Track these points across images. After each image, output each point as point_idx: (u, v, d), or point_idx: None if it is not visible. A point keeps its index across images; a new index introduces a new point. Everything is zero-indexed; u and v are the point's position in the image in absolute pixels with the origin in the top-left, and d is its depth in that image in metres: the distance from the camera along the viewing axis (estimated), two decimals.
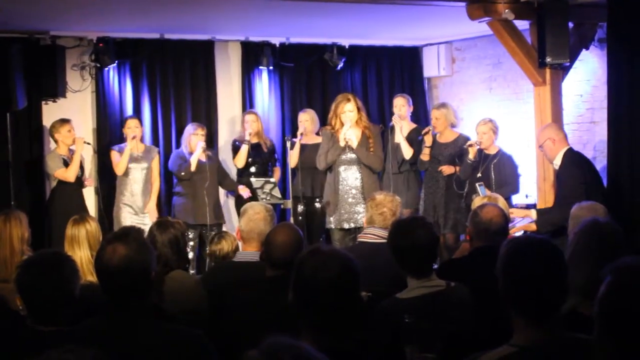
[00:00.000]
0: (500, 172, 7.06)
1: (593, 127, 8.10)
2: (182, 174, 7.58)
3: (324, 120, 7.92)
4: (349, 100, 6.93)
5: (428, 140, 7.59)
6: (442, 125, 7.66)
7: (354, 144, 6.85)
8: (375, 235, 4.44)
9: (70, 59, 7.90)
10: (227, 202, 8.44)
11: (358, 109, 6.94)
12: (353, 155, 6.91)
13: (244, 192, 7.71)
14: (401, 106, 7.93)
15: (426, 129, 7.64)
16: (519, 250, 2.28)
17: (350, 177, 6.93)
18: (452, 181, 7.41)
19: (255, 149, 7.92)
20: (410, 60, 9.64)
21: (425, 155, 7.61)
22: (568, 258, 3.01)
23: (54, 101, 7.73)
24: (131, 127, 7.56)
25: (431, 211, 7.50)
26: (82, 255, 4.34)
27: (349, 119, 6.85)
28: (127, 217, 7.46)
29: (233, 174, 8.24)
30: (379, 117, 8.93)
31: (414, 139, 7.74)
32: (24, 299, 2.98)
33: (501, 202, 4.85)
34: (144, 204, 7.56)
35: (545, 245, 2.29)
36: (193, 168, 7.51)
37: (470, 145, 7.18)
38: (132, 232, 2.68)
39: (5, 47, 7.23)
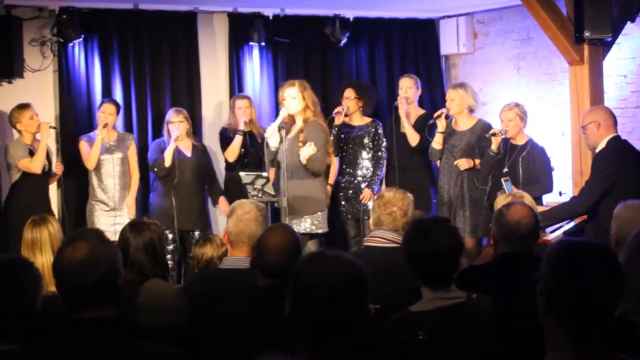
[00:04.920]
0: (529, 167, 6.92)
1: (639, 112, 8.11)
2: (155, 169, 7.56)
3: (325, 106, 7.89)
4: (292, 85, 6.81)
5: (441, 125, 7.47)
6: (457, 107, 7.48)
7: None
8: (383, 238, 4.44)
9: (28, 32, 7.88)
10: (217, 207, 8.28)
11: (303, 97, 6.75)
12: None
13: (224, 207, 7.65)
14: (407, 88, 7.87)
15: (439, 112, 7.47)
16: (576, 252, 2.26)
17: None
18: (471, 176, 7.34)
19: (248, 139, 7.84)
20: (425, 35, 9.63)
21: (437, 144, 7.51)
22: (622, 261, 3.06)
23: (10, 82, 7.73)
24: (105, 113, 7.51)
25: (446, 212, 7.41)
26: (44, 261, 4.34)
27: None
28: (101, 216, 7.46)
29: (221, 168, 8.23)
30: (388, 101, 8.86)
31: (422, 128, 7.68)
32: None
33: (527, 200, 4.86)
34: (120, 201, 7.54)
35: (606, 252, 2.28)
36: (167, 163, 7.43)
37: (494, 135, 7.02)
38: (91, 230, 2.72)
39: None
